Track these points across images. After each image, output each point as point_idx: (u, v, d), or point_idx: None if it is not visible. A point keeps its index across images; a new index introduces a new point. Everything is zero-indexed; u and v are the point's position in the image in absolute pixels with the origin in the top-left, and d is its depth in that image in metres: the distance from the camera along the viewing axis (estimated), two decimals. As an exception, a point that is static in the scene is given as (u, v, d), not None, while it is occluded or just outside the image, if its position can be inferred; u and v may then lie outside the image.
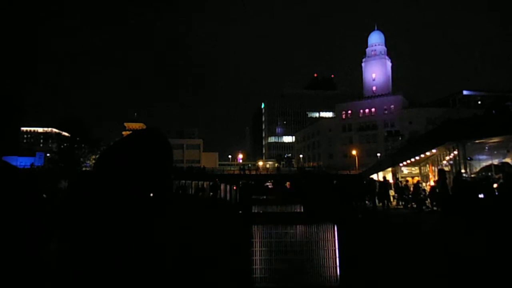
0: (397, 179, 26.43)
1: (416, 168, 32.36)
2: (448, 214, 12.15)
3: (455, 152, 19.88)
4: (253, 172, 68.11)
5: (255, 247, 3.54)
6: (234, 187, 26.24)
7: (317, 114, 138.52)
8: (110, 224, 1.09)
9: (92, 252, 1.06)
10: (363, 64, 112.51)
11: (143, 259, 1.11)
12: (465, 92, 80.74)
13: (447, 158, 21.89)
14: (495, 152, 19.70)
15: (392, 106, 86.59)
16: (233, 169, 70.61)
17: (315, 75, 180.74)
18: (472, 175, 18.92)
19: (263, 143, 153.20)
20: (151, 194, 1.16)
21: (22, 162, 51.94)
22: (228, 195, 26.98)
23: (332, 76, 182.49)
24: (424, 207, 17.70)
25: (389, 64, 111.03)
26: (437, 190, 15.22)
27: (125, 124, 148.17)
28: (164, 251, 1.18)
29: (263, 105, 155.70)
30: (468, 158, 19.31)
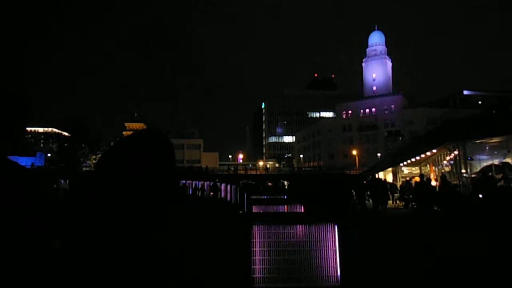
0: (410, 179, 26.45)
1: (417, 168, 32.36)
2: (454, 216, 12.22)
3: (456, 152, 19.89)
4: (242, 172, 67.99)
5: (255, 247, 3.54)
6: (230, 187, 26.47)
7: (317, 114, 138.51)
8: (112, 226, 1.09)
9: (92, 253, 1.06)
10: (363, 64, 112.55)
11: (143, 260, 1.10)
12: (465, 92, 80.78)
13: (448, 158, 21.90)
14: (496, 152, 19.71)
15: (393, 106, 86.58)
16: (227, 169, 70.38)
17: (316, 75, 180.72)
18: (473, 175, 18.92)
19: (264, 143, 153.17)
20: (154, 196, 1.15)
21: (22, 162, 50.90)
22: (228, 195, 27.01)
23: (333, 76, 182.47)
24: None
25: (389, 64, 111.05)
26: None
27: (126, 124, 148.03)
28: (164, 252, 1.17)
29: (263, 105, 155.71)
30: (469, 158, 19.33)
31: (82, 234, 1.09)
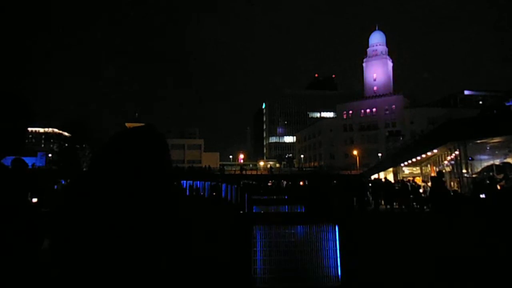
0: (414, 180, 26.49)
1: (417, 168, 32.34)
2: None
3: (457, 152, 19.87)
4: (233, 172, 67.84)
5: (256, 247, 3.53)
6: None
7: (318, 114, 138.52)
8: (105, 225, 1.08)
9: (87, 253, 1.05)
10: (364, 64, 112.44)
11: (140, 260, 1.09)
12: (466, 92, 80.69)
13: (448, 158, 21.88)
14: (497, 152, 19.68)
15: (393, 106, 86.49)
16: (234, 169, 70.46)
17: (316, 75, 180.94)
18: (473, 175, 18.90)
19: (264, 143, 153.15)
20: (147, 194, 1.14)
21: (23, 162, 51.82)
22: (229, 195, 27.03)
23: (333, 76, 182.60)
24: (425, 207, 17.68)
25: (390, 64, 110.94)
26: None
27: (126, 124, 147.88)
28: (162, 251, 1.16)
29: (264, 105, 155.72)
30: (470, 158, 19.30)
31: (75, 234, 1.08)
